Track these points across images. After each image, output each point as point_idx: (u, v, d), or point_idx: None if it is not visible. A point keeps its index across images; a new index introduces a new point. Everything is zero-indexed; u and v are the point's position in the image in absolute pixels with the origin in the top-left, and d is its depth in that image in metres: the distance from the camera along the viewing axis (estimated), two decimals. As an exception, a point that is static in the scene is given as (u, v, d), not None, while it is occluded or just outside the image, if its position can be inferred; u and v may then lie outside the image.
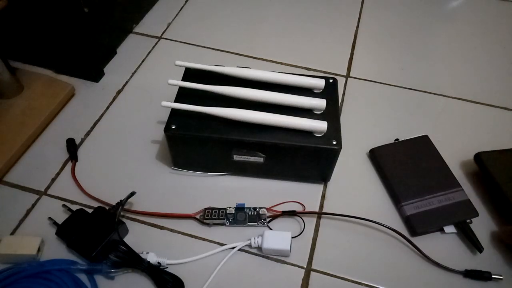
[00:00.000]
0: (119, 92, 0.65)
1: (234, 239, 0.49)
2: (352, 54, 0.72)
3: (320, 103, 0.50)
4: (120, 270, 0.46)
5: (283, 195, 0.53)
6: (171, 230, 0.50)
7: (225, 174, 0.55)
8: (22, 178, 0.55)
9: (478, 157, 0.55)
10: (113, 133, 0.60)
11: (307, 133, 0.48)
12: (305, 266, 0.48)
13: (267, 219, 0.51)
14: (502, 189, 0.52)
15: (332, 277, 0.47)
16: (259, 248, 0.48)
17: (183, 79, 0.53)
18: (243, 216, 0.51)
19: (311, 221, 0.52)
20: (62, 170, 0.56)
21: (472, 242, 0.49)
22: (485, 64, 0.71)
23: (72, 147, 0.57)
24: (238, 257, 0.48)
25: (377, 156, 0.56)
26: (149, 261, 0.46)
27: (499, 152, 0.56)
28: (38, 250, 0.47)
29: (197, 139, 0.49)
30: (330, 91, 0.53)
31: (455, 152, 0.57)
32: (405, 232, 0.51)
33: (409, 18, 0.79)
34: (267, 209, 0.51)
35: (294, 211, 0.51)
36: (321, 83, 0.52)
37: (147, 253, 0.47)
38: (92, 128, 0.60)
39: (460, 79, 0.69)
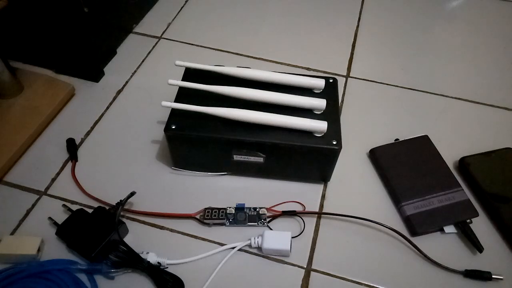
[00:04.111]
0: (119, 92, 0.65)
1: (234, 239, 0.49)
2: (352, 54, 0.72)
3: (320, 103, 0.50)
4: (120, 270, 0.46)
5: (283, 195, 0.53)
6: (171, 230, 0.50)
7: (225, 174, 0.55)
8: (22, 178, 0.55)
9: (462, 162, 0.56)
10: (113, 133, 0.60)
11: (307, 133, 0.48)
12: (305, 266, 0.48)
13: (267, 219, 0.51)
14: (486, 192, 0.53)
15: (332, 277, 0.47)
16: (259, 248, 0.48)
17: (183, 79, 0.53)
18: (243, 216, 0.51)
19: (311, 221, 0.52)
20: (62, 170, 0.56)
21: (472, 242, 0.49)
22: (485, 64, 0.71)
23: (72, 147, 0.57)
24: (238, 257, 0.48)
25: (377, 156, 0.56)
26: (149, 261, 0.46)
27: (482, 155, 0.56)
28: (38, 250, 0.47)
29: (197, 139, 0.49)
30: (330, 91, 0.53)
31: (455, 152, 0.57)
32: (405, 232, 0.51)
33: (409, 18, 0.79)
34: (267, 209, 0.51)
35: (294, 211, 0.51)
36: (321, 83, 0.52)
37: (147, 253, 0.47)
38: (92, 128, 0.60)
39: (460, 79, 0.69)
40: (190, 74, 0.53)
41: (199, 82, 0.50)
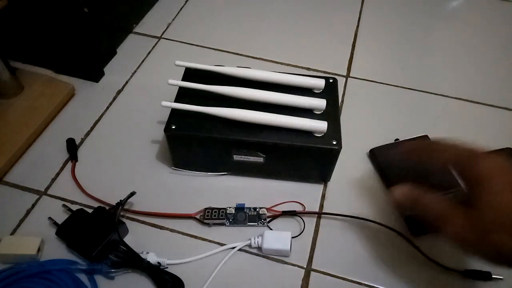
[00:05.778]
0: (119, 92, 0.65)
1: (234, 239, 0.49)
2: (352, 54, 0.72)
3: (320, 103, 0.50)
4: (120, 270, 0.46)
5: (283, 195, 0.53)
6: (171, 230, 0.50)
7: (225, 174, 0.55)
8: (22, 178, 0.55)
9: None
10: (113, 133, 0.60)
11: (307, 133, 0.48)
12: (305, 266, 0.48)
13: (267, 219, 0.51)
14: None
15: (332, 277, 0.47)
16: (259, 248, 0.48)
17: (183, 79, 0.53)
18: (243, 216, 0.51)
19: (311, 221, 0.52)
20: (62, 170, 0.56)
21: (472, 242, 0.49)
22: (485, 64, 0.71)
23: (72, 147, 0.57)
24: (238, 257, 0.48)
25: (377, 156, 0.56)
26: (149, 261, 0.46)
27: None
28: (38, 250, 0.47)
29: (197, 139, 0.49)
30: (330, 91, 0.53)
31: (455, 152, 0.57)
32: (405, 232, 0.51)
33: (409, 18, 0.79)
34: (267, 209, 0.51)
35: (294, 211, 0.51)
36: (321, 83, 0.52)
37: (147, 253, 0.46)
38: (92, 128, 0.60)
39: (460, 79, 0.69)
40: (190, 74, 0.53)
41: (199, 82, 0.50)
